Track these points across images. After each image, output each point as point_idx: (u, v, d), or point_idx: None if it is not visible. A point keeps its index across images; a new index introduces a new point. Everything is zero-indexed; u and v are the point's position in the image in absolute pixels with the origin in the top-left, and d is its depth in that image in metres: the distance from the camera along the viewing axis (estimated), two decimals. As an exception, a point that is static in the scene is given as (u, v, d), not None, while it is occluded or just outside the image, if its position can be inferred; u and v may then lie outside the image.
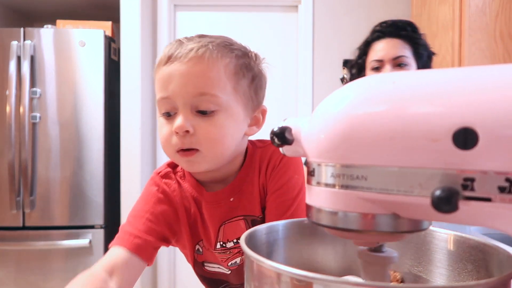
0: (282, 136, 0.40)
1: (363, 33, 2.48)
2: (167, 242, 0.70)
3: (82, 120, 2.21)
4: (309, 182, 0.37)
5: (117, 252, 0.62)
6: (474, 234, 1.25)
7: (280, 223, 0.51)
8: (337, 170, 0.33)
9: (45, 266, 2.18)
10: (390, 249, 0.40)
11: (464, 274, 0.43)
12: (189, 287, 2.46)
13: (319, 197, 0.35)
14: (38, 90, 2.17)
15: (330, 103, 0.35)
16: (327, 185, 0.34)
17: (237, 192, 0.68)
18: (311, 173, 0.36)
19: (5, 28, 2.32)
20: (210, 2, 2.54)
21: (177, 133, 0.59)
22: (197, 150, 0.60)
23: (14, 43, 2.15)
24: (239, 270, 0.71)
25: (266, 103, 1.66)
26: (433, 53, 1.37)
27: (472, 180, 0.28)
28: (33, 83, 2.18)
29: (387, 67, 1.27)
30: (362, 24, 2.47)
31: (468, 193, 0.29)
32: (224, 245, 0.69)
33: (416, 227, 0.35)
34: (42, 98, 2.19)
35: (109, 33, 2.36)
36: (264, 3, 2.53)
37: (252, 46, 1.30)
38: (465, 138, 0.28)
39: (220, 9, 2.55)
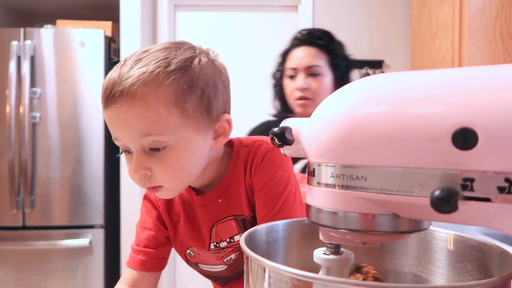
0: (282, 136, 0.40)
1: (363, 33, 2.49)
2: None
3: (82, 120, 2.22)
4: (309, 182, 0.37)
5: (129, 272, 0.72)
6: (474, 234, 1.25)
7: (280, 223, 0.51)
8: (337, 171, 0.34)
9: (45, 266, 2.18)
10: (347, 251, 0.41)
11: (464, 274, 0.43)
12: (189, 287, 2.46)
13: (319, 197, 0.36)
14: (38, 90, 2.17)
15: (330, 104, 0.35)
16: (327, 185, 0.34)
17: (224, 194, 0.68)
18: (311, 173, 0.37)
19: (5, 28, 2.32)
20: (210, 2, 2.54)
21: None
22: (160, 186, 0.59)
23: (14, 43, 2.15)
24: (235, 263, 0.73)
25: (267, 103, 1.64)
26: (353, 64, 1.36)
27: (471, 180, 0.28)
28: (33, 83, 2.18)
29: (300, 75, 1.25)
30: (362, 25, 2.48)
31: (467, 193, 0.29)
32: (217, 245, 0.70)
33: (416, 227, 0.35)
34: (42, 98, 2.19)
35: (109, 33, 2.36)
36: (264, 3, 2.53)
37: (252, 46, 1.29)
38: (465, 138, 0.28)
39: (220, 9, 2.55)
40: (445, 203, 0.28)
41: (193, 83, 0.58)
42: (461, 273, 0.44)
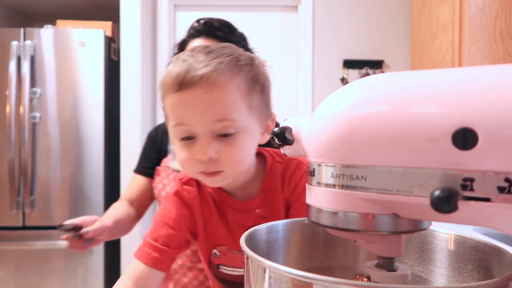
0: (283, 136, 0.40)
1: (363, 33, 2.49)
2: (187, 246, 0.74)
3: (82, 120, 2.21)
4: (309, 182, 0.37)
5: (138, 265, 0.69)
6: (474, 234, 1.25)
7: (280, 223, 0.51)
8: (337, 170, 0.34)
9: (45, 266, 2.18)
10: (402, 265, 0.38)
11: (464, 274, 0.43)
12: (189, 287, 2.45)
13: (319, 197, 0.36)
14: (38, 90, 2.17)
15: (330, 104, 0.35)
16: (327, 185, 0.34)
17: (262, 204, 0.71)
18: (311, 173, 0.37)
19: (5, 28, 2.32)
20: (210, 2, 2.54)
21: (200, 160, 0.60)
22: (221, 171, 0.61)
23: (14, 43, 2.15)
24: None
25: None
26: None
27: (471, 180, 0.28)
28: (33, 83, 2.18)
29: None
30: (362, 25, 2.48)
31: (467, 193, 0.29)
32: None
33: (416, 227, 0.35)
34: (42, 98, 2.19)
35: (109, 33, 2.36)
36: (264, 3, 2.53)
37: (252, 46, 1.26)
38: (465, 138, 0.28)
39: (220, 9, 2.54)
40: (445, 203, 0.27)
41: (258, 79, 0.64)
42: (461, 273, 0.44)
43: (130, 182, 1.20)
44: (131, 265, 0.70)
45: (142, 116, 2.31)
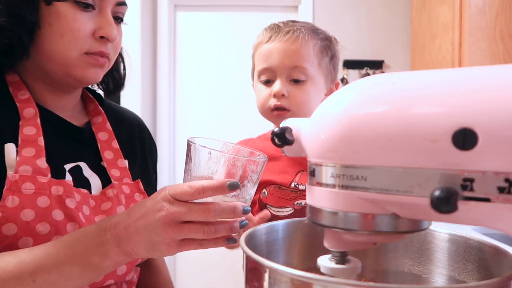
0: (283, 136, 0.40)
1: (363, 34, 2.49)
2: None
3: (82, 120, 2.21)
4: (309, 182, 0.37)
5: None
6: (474, 234, 1.25)
7: (280, 223, 0.51)
8: (337, 171, 0.34)
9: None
10: (354, 259, 0.40)
11: (464, 274, 0.43)
12: (189, 286, 2.46)
13: (319, 197, 0.36)
14: (38, 90, 2.17)
15: (330, 104, 0.35)
16: (327, 185, 0.34)
17: None
18: (311, 173, 0.37)
19: (5, 28, 2.31)
20: (210, 2, 2.54)
21: (275, 95, 0.78)
22: (288, 110, 0.78)
23: (14, 43, 2.15)
24: (301, 211, 0.81)
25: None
26: None
27: (471, 180, 0.28)
28: (33, 83, 2.18)
29: None
30: (362, 25, 2.48)
31: (467, 194, 0.29)
32: (297, 186, 0.81)
33: (416, 227, 0.35)
34: (42, 98, 2.19)
35: (109, 33, 2.36)
36: (264, 3, 2.53)
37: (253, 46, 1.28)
38: (465, 138, 0.28)
39: (220, 9, 2.55)
40: (445, 203, 0.28)
41: (330, 48, 0.84)
42: (461, 273, 0.44)
43: None
44: None
45: (142, 116, 2.30)
